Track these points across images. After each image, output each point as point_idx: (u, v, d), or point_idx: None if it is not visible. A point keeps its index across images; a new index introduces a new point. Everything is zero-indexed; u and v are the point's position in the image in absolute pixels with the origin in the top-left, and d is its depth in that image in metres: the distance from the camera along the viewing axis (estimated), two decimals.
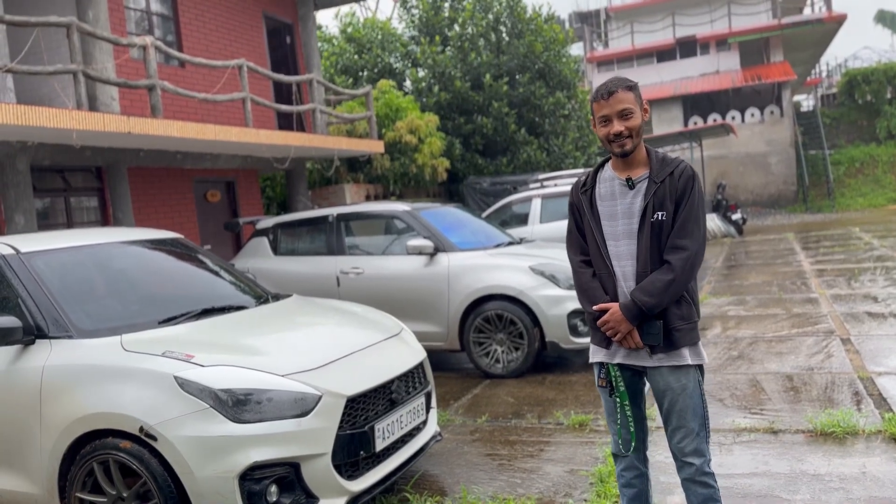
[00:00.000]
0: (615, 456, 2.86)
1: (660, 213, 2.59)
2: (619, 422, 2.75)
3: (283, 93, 12.98)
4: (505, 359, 6.32)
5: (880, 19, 51.33)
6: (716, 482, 2.69)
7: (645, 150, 2.70)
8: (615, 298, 2.68)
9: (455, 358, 7.32)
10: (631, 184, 2.65)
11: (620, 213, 2.67)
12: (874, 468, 3.69)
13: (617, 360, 2.71)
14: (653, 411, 4.03)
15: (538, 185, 12.05)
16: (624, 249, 2.66)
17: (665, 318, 2.60)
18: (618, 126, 2.60)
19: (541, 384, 6.02)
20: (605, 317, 2.65)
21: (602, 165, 2.79)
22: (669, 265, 2.56)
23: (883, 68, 27.40)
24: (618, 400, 2.73)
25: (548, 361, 6.77)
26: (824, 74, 38.15)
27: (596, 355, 2.78)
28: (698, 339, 2.66)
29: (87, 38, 8.04)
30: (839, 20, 26.47)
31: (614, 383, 2.72)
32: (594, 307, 2.70)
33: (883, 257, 11.69)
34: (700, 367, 2.67)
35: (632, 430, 2.73)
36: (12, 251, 3.77)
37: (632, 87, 2.63)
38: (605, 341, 2.72)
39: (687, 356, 2.62)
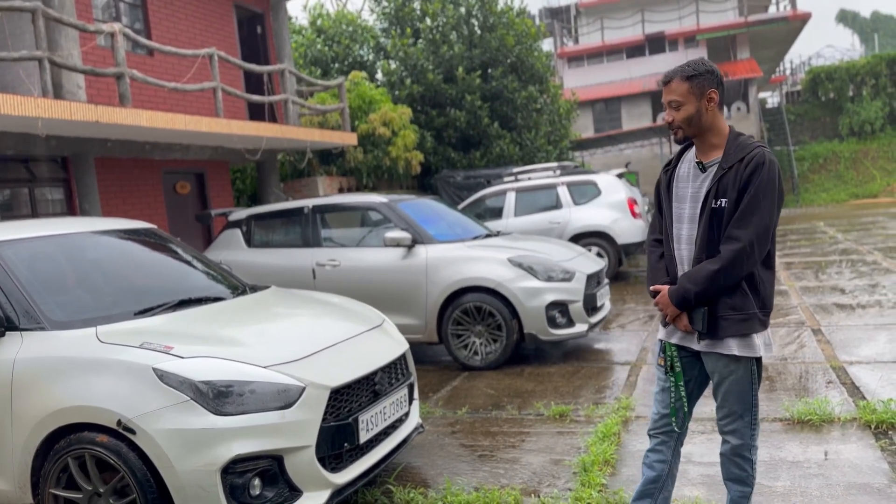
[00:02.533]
0: (649, 433, 2.85)
1: (721, 200, 2.53)
2: (674, 403, 2.74)
3: (253, 84, 12.78)
4: (483, 351, 6.30)
5: (842, 19, 52.48)
6: (752, 468, 2.70)
7: (727, 133, 2.62)
8: (675, 281, 2.68)
9: (433, 350, 7.29)
10: (702, 167, 2.63)
11: (690, 195, 2.66)
12: (851, 455, 3.76)
13: (674, 340, 2.72)
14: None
15: (512, 178, 12.07)
16: (685, 233, 2.66)
17: (713, 306, 2.57)
18: (668, 116, 2.62)
19: (519, 376, 6.02)
20: (657, 299, 2.69)
21: (691, 145, 2.74)
22: (719, 255, 2.52)
23: (845, 66, 28.00)
24: (672, 379, 2.72)
25: (525, 353, 6.77)
26: (788, 72, 38.89)
27: (659, 332, 2.81)
28: (753, 330, 2.56)
29: (52, 25, 7.81)
30: (803, 18, 26.99)
31: (671, 362, 2.72)
32: (650, 288, 2.75)
33: (848, 250, 11.94)
34: (755, 360, 2.61)
35: (686, 409, 2.74)
36: None
37: (691, 76, 2.56)
38: (665, 320, 2.74)
39: (733, 347, 2.56)
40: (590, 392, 5.36)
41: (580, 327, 6.29)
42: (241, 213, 7.61)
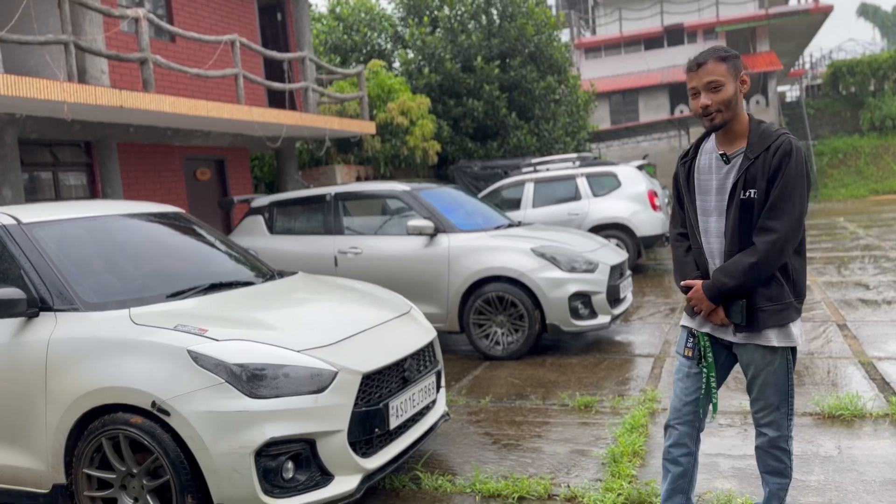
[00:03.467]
0: (666, 427, 2.81)
1: (751, 191, 2.49)
2: (703, 391, 2.70)
3: (273, 71, 12.77)
4: (505, 341, 6.28)
5: (863, 13, 51.76)
6: (789, 459, 2.68)
7: (748, 121, 2.57)
8: (706, 274, 2.64)
9: (453, 339, 7.28)
10: (726, 158, 2.56)
11: (715, 187, 2.60)
12: (884, 450, 3.71)
13: (705, 330, 2.68)
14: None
15: (531, 169, 12.01)
16: (713, 226, 2.61)
17: (751, 298, 2.53)
18: (704, 99, 2.50)
19: (541, 366, 6.00)
20: (690, 294, 2.64)
21: (707, 135, 2.69)
22: (755, 247, 2.48)
23: (867, 60, 27.65)
24: (705, 370, 2.68)
25: (546, 344, 6.75)
26: (808, 66, 38.44)
27: (684, 320, 2.76)
28: (790, 319, 2.54)
29: (77, 9, 7.81)
30: (825, 11, 26.63)
31: (703, 352, 2.68)
32: (681, 283, 2.70)
33: (870, 246, 11.81)
34: (791, 349, 2.61)
35: (714, 401, 2.71)
36: (13, 221, 3.65)
37: (725, 57, 2.51)
38: (693, 311, 2.70)
39: (772, 338, 2.55)
40: (613, 384, 5.33)
41: (603, 319, 6.26)
42: (263, 200, 7.62)
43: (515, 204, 11.38)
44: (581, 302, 6.18)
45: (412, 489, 3.71)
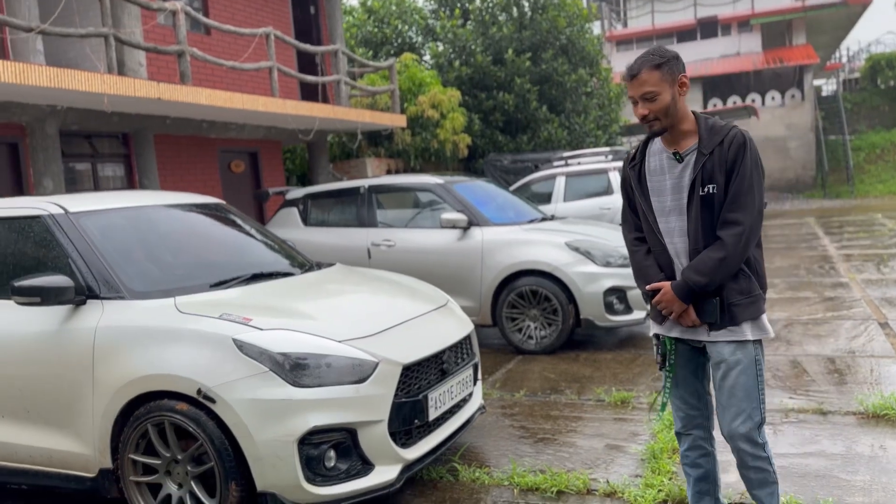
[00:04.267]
0: (678, 435, 2.78)
1: (709, 187, 2.45)
2: (666, 393, 2.67)
3: (305, 63, 12.83)
4: (538, 335, 6.26)
5: None
6: (771, 464, 2.57)
7: (694, 119, 2.54)
8: (671, 276, 2.58)
9: (484, 333, 7.26)
10: (679, 157, 2.52)
11: (669, 187, 2.55)
12: None
13: (674, 334, 2.62)
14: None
15: (562, 163, 11.92)
16: (675, 226, 2.56)
17: (722, 294, 2.49)
18: (642, 109, 2.49)
19: (575, 361, 5.97)
20: (658, 297, 2.56)
21: (651, 138, 2.64)
22: (721, 242, 2.44)
23: None
24: (668, 374, 2.65)
25: (578, 339, 6.71)
26: (845, 59, 37.60)
27: (653, 328, 2.70)
28: (761, 312, 2.53)
29: (117, 2, 7.93)
30: (864, 3, 26.02)
31: (667, 357, 2.63)
32: (647, 287, 2.62)
33: None
34: (759, 343, 2.55)
35: (665, 401, 2.68)
36: (61, 210, 3.71)
37: (660, 64, 2.45)
38: (659, 316, 2.63)
39: (747, 332, 2.50)
40: (650, 379, 5.29)
41: (638, 314, 6.20)
42: (298, 192, 7.67)
43: (546, 198, 11.30)
44: (616, 297, 6.13)
45: (450, 480, 3.73)
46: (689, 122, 2.53)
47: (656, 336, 2.69)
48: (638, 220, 2.70)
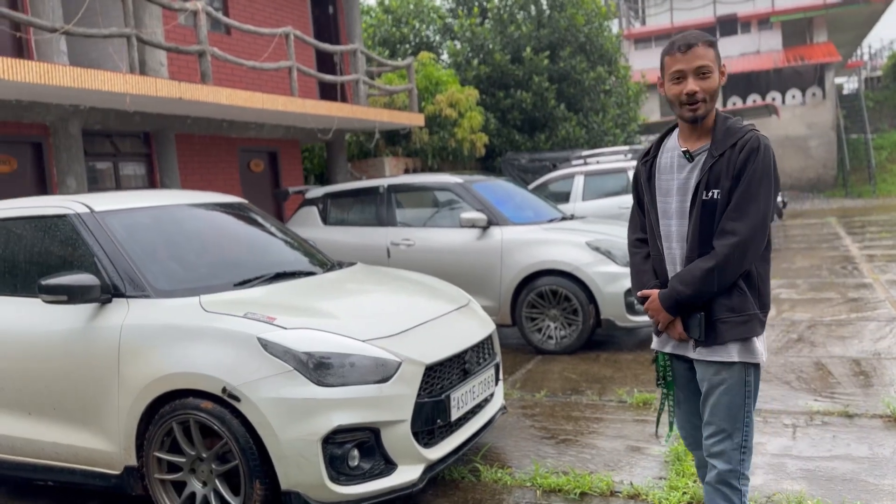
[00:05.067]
0: (693, 449, 2.64)
1: (713, 191, 2.27)
2: (660, 412, 2.56)
3: (324, 63, 12.87)
4: (558, 335, 6.24)
5: None
6: (742, 501, 2.35)
7: (714, 117, 2.36)
8: (665, 283, 2.41)
9: (503, 333, 7.22)
10: (689, 156, 2.35)
11: (676, 188, 2.38)
12: None
13: (668, 349, 2.46)
14: None
15: (581, 161, 11.87)
16: (675, 230, 2.39)
17: (709, 309, 2.30)
18: (692, 85, 2.27)
19: (595, 361, 5.94)
20: (646, 304, 2.43)
21: (669, 133, 2.48)
22: (713, 252, 2.26)
23: None
24: (664, 390, 2.52)
25: (598, 339, 6.68)
26: (867, 57, 37.14)
27: (653, 342, 2.54)
28: (754, 333, 2.29)
29: (137, 3, 7.99)
30: (886, 1, 25.66)
31: (661, 373, 2.49)
32: (638, 293, 2.49)
33: None
34: (753, 366, 2.33)
35: (671, 420, 2.55)
36: (86, 209, 3.75)
37: (713, 43, 2.30)
38: (657, 329, 2.49)
39: (733, 353, 2.29)
40: None
41: None
42: (317, 191, 7.70)
43: (564, 197, 11.25)
44: None
45: (472, 481, 3.72)
46: (710, 120, 2.36)
47: (654, 351, 2.56)
48: (644, 221, 2.55)
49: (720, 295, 2.28)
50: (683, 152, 2.37)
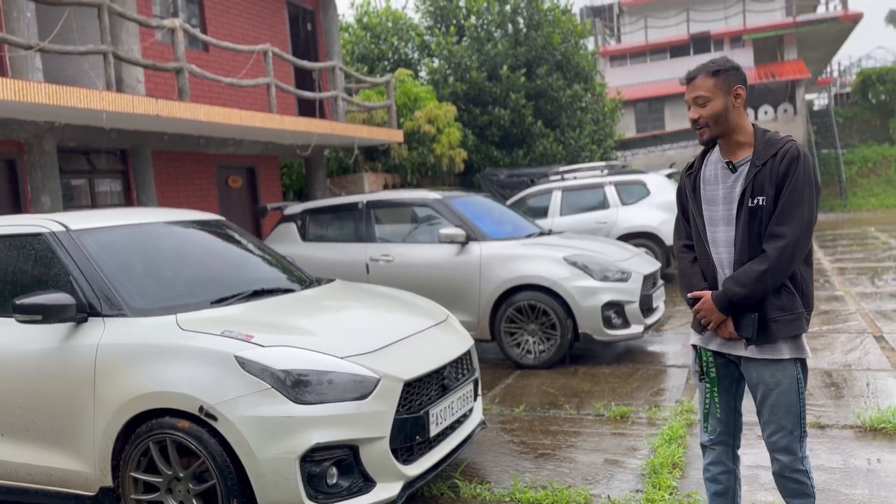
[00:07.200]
0: (703, 447, 2.79)
1: (759, 199, 2.47)
2: (707, 408, 2.69)
3: (302, 80, 12.91)
4: (536, 349, 6.28)
5: (891, 20, 50.97)
6: (809, 478, 2.59)
7: (752, 131, 2.57)
8: (714, 286, 2.60)
9: (482, 347, 7.26)
10: (732, 167, 2.56)
11: (721, 197, 2.58)
12: None
13: (712, 347, 2.63)
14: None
15: (559, 177, 11.99)
16: (721, 236, 2.59)
17: (762, 309, 2.49)
18: (692, 113, 2.57)
19: (573, 375, 5.98)
20: (698, 305, 2.59)
21: (712, 147, 2.69)
22: (765, 255, 2.45)
23: None
24: (707, 385, 2.67)
25: (576, 353, 6.72)
26: (837, 74, 37.96)
27: (693, 338, 2.72)
28: (801, 330, 2.50)
29: (115, 20, 7.98)
30: (855, 19, 26.31)
31: (705, 368, 2.65)
32: (689, 294, 2.65)
33: None
34: (801, 362, 2.55)
35: (718, 416, 2.67)
36: (62, 228, 3.73)
37: (717, 71, 2.52)
38: (700, 326, 2.66)
39: (784, 350, 2.50)
40: (648, 394, 5.30)
41: (636, 328, 6.23)
42: (296, 208, 7.69)
43: (543, 212, 11.36)
44: (614, 311, 6.16)
45: (451, 497, 3.73)
46: (747, 133, 2.56)
47: (694, 346, 2.71)
48: (689, 228, 2.74)
49: (771, 295, 2.47)
50: (727, 163, 2.58)
